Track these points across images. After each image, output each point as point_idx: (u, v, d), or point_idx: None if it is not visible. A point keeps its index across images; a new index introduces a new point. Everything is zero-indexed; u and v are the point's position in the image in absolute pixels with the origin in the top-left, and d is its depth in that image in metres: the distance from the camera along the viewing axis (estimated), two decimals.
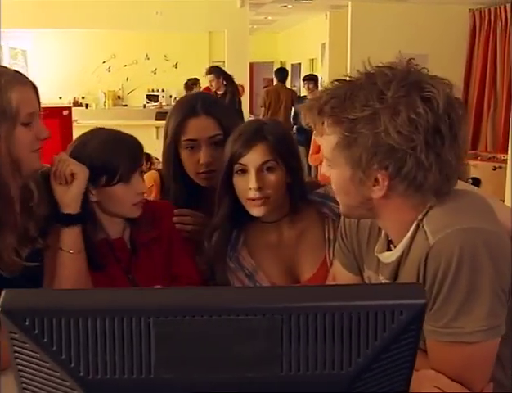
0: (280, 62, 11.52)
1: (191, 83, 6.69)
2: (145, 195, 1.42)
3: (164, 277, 1.37)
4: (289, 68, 10.99)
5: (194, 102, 1.52)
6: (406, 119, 0.90)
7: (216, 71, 5.87)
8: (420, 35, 5.67)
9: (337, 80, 0.99)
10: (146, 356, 0.61)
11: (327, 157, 1.02)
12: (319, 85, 6.64)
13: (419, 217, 0.99)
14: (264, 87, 9.71)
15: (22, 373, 0.64)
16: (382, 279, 1.08)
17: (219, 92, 5.75)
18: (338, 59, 6.96)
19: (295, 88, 10.42)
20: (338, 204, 1.39)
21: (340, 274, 1.24)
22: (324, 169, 1.06)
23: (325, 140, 0.99)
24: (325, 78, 7.53)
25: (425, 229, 0.95)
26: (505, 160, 4.97)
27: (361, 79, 0.96)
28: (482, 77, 5.91)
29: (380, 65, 0.97)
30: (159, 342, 0.61)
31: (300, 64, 10.06)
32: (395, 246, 1.05)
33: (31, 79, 1.23)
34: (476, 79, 5.86)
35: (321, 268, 1.40)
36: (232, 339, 0.61)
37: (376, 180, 0.96)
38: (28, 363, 0.64)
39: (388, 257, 1.05)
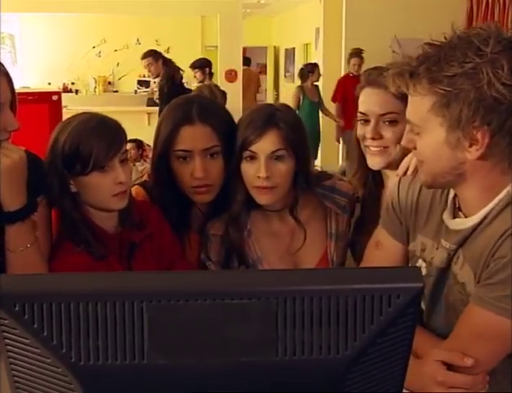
0: (274, 47, 11.44)
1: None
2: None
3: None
4: (282, 53, 10.93)
5: (189, 107, 1.35)
6: (510, 71, 0.90)
7: (155, 55, 5.25)
8: (416, 19, 5.63)
9: (426, 44, 0.98)
10: (139, 341, 0.60)
11: (418, 123, 1.00)
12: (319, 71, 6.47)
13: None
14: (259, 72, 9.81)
15: (12, 360, 0.63)
16: (447, 245, 1.06)
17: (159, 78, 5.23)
18: (332, 44, 6.90)
19: (289, 74, 10.38)
20: (345, 197, 1.39)
21: (387, 242, 1.23)
22: (406, 141, 1.03)
23: (418, 103, 0.98)
24: (319, 63, 7.48)
25: None
26: None
27: (454, 41, 0.96)
28: None
29: (467, 29, 0.98)
30: (152, 327, 0.60)
31: (294, 49, 9.99)
32: (464, 214, 1.04)
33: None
34: None
35: (321, 262, 1.39)
36: (227, 323, 0.60)
37: (474, 139, 0.94)
38: (18, 350, 0.63)
39: (462, 223, 1.04)
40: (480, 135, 0.94)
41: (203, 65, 5.72)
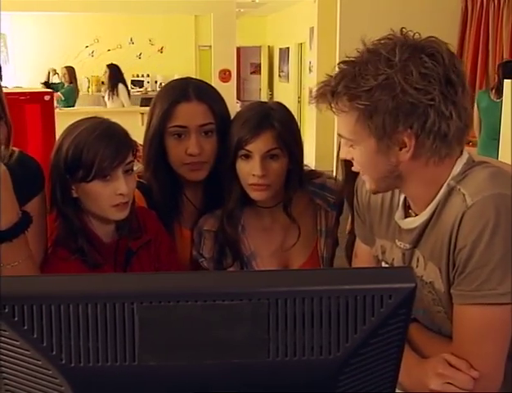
0: (268, 47, 11.43)
1: None
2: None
3: None
4: (277, 52, 10.92)
5: (185, 86, 1.39)
6: (419, 75, 0.95)
7: None
8: (411, 19, 5.63)
9: (341, 63, 1.02)
10: (130, 343, 0.60)
11: (348, 137, 1.03)
12: (308, 69, 6.47)
13: (451, 181, 1.01)
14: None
15: (2, 362, 0.63)
16: (401, 245, 1.09)
17: None
18: (327, 43, 6.91)
19: (283, 74, 10.38)
20: (334, 195, 1.41)
21: (360, 249, 1.26)
22: (344, 153, 1.07)
23: (345, 118, 1.01)
24: (313, 62, 7.48)
25: (463, 192, 0.98)
26: None
27: (364, 55, 1.00)
28: (473, 60, 5.90)
29: (376, 41, 1.01)
30: (142, 328, 0.59)
31: (288, 48, 9.99)
32: (415, 213, 1.07)
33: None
34: (468, 63, 5.84)
35: (311, 258, 1.40)
36: (218, 324, 0.60)
37: (402, 143, 0.99)
38: (8, 352, 0.62)
39: (412, 222, 1.07)
40: (406, 138, 0.98)
41: None
